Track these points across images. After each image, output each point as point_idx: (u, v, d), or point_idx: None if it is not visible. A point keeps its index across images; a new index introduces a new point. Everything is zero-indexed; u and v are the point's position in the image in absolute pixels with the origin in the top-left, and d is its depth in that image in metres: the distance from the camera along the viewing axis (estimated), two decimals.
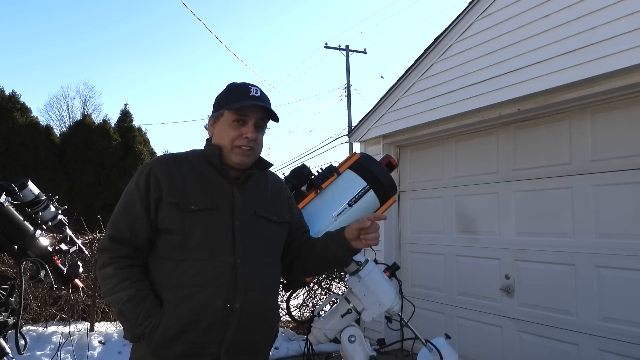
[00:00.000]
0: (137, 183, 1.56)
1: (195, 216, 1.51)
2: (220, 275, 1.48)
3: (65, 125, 20.62)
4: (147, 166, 1.59)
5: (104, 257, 1.53)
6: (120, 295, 1.47)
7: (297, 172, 1.95)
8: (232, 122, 1.57)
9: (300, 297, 6.08)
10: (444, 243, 4.66)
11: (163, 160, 1.62)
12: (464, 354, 4.12)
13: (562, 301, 3.58)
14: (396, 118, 4.87)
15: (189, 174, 1.58)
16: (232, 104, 1.57)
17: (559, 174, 3.67)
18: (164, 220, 1.51)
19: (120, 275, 1.49)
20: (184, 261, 1.49)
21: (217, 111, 1.62)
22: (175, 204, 1.51)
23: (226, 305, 1.47)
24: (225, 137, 1.58)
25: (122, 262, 1.51)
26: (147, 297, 1.47)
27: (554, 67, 3.34)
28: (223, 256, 1.50)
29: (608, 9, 3.04)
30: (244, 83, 1.64)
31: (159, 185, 1.53)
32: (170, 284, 1.48)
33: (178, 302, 1.46)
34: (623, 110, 3.33)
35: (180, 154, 1.67)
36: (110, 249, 1.53)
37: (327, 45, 19.13)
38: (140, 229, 1.52)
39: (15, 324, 2.07)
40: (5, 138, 10.87)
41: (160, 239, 1.53)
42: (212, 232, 1.52)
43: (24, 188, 2.09)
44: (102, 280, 1.54)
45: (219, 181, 1.59)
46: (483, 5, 3.93)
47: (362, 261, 1.89)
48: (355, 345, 1.83)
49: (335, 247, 1.64)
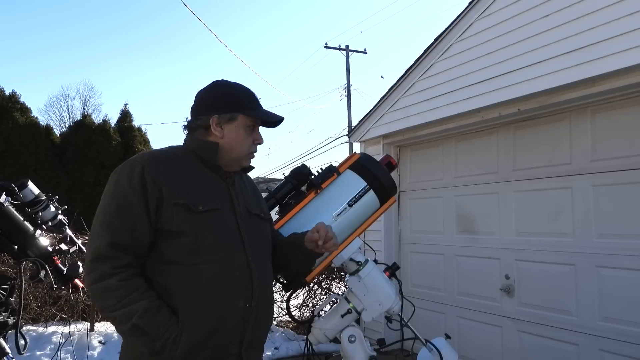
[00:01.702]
0: (130, 182, 1.43)
1: (205, 217, 1.46)
2: (238, 276, 1.48)
3: (65, 125, 20.61)
4: (137, 164, 1.47)
5: (102, 267, 1.38)
6: (132, 309, 1.35)
7: (297, 172, 1.95)
8: (247, 127, 1.57)
9: (300, 297, 6.08)
10: (444, 243, 4.66)
11: (153, 157, 1.52)
12: (464, 354, 4.11)
13: (562, 301, 3.58)
14: (396, 118, 4.87)
15: (187, 173, 1.52)
16: (252, 110, 1.58)
17: (559, 174, 3.67)
18: (169, 222, 1.42)
19: (128, 286, 1.38)
20: (196, 265, 1.43)
21: (228, 112, 1.56)
22: (184, 205, 1.44)
23: (246, 304, 1.47)
24: (244, 142, 1.58)
25: (126, 271, 1.40)
26: (162, 308, 1.39)
27: (554, 67, 3.34)
28: (237, 256, 1.49)
29: (608, 9, 3.03)
30: (247, 88, 1.64)
31: (158, 184, 1.43)
32: (185, 290, 1.41)
33: (199, 308, 1.41)
34: (623, 110, 3.33)
35: (164, 151, 1.59)
36: (111, 257, 1.39)
37: (327, 45, 19.14)
38: (141, 233, 1.42)
39: (15, 324, 2.07)
40: (5, 138, 10.88)
41: (165, 243, 1.44)
42: (224, 233, 1.50)
43: (24, 188, 2.09)
44: (102, 294, 1.39)
45: (215, 180, 1.57)
46: (483, 5, 3.93)
47: (362, 261, 1.89)
48: (355, 345, 1.84)
49: (301, 255, 1.67)
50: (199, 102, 1.60)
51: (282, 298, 6.01)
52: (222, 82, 1.64)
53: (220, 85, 1.63)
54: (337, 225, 1.86)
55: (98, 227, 1.43)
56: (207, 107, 1.58)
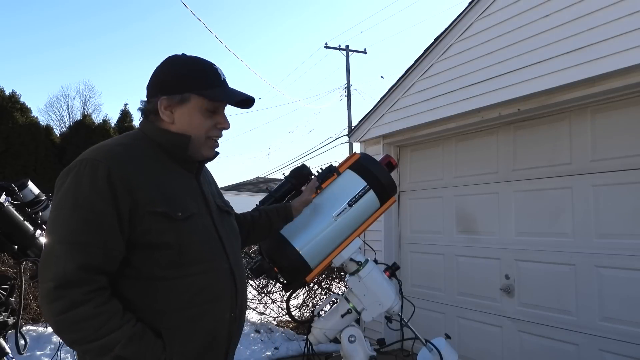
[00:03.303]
0: (94, 188, 1.18)
1: (187, 224, 1.28)
2: (224, 286, 1.34)
3: (65, 125, 20.66)
4: (99, 164, 1.20)
5: (73, 294, 1.14)
6: (114, 338, 1.16)
7: (297, 172, 1.95)
8: (205, 110, 1.34)
9: (300, 297, 6.08)
10: (444, 243, 4.66)
11: (118, 154, 1.26)
12: (464, 354, 4.11)
13: (562, 301, 3.58)
14: (396, 118, 4.87)
15: (158, 172, 1.30)
16: (207, 90, 1.33)
17: (559, 174, 3.67)
18: (147, 233, 1.22)
19: (105, 313, 1.16)
20: (181, 278, 1.26)
21: (179, 93, 1.32)
22: (163, 213, 1.24)
23: (231, 315, 1.36)
24: (199, 127, 1.34)
25: (101, 295, 1.18)
26: (145, 332, 1.21)
27: (554, 67, 3.34)
28: (221, 264, 1.35)
29: (608, 9, 3.03)
30: (206, 61, 1.38)
31: (130, 189, 1.21)
32: (172, 308, 1.25)
33: (189, 326, 1.26)
34: (623, 110, 3.33)
35: (124, 144, 1.32)
36: (82, 282, 1.15)
37: (327, 45, 19.13)
38: (114, 249, 1.20)
39: (15, 324, 2.08)
40: (5, 138, 10.89)
41: (141, 256, 1.23)
42: (206, 239, 1.33)
43: (24, 188, 2.10)
44: (72, 326, 1.15)
45: (184, 176, 1.37)
46: (483, 5, 3.93)
47: (362, 261, 1.89)
48: (355, 345, 1.83)
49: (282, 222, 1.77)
50: (149, 82, 1.37)
51: (282, 298, 6.01)
52: (175, 57, 1.38)
53: (171, 61, 1.37)
54: (337, 225, 1.86)
55: (60, 247, 1.16)
56: (154, 88, 1.35)
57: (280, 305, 5.76)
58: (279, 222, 1.77)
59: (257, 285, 6.09)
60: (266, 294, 6.09)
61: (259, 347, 5.17)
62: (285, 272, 1.87)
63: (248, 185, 26.39)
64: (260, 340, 5.31)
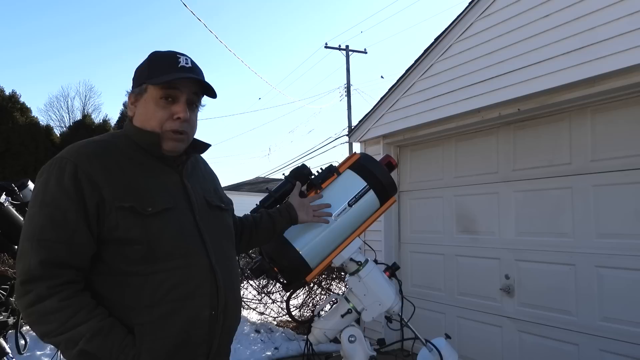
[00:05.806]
0: (60, 185, 1.20)
1: (157, 220, 1.26)
2: (201, 283, 1.30)
3: (65, 125, 20.67)
4: (67, 161, 1.23)
5: (37, 288, 1.17)
6: (78, 332, 1.16)
7: (297, 172, 1.95)
8: (159, 99, 1.31)
9: (300, 297, 6.08)
10: (444, 243, 4.66)
11: (87, 152, 1.27)
12: (464, 354, 4.12)
13: (562, 301, 3.58)
14: (396, 118, 4.87)
15: (129, 168, 1.30)
16: (158, 77, 1.30)
17: (559, 174, 3.67)
18: (114, 229, 1.22)
19: (71, 307, 1.17)
20: (153, 274, 1.25)
21: (138, 86, 1.33)
22: (130, 208, 1.23)
23: (212, 313, 1.32)
24: (152, 118, 1.31)
25: (67, 289, 1.19)
26: (114, 326, 1.20)
27: (554, 67, 3.34)
28: (198, 260, 1.32)
29: (608, 9, 3.04)
30: (171, 51, 1.37)
31: (96, 185, 1.22)
32: (140, 304, 1.23)
33: (160, 323, 1.24)
34: (623, 110, 3.33)
35: (101, 141, 1.33)
36: (45, 277, 1.17)
37: (327, 45, 19.13)
38: (81, 245, 1.21)
39: (15, 324, 2.08)
40: (5, 138, 10.90)
41: (112, 252, 1.24)
42: (181, 235, 1.30)
43: (24, 188, 2.10)
44: (40, 319, 1.17)
45: (164, 171, 1.36)
46: (483, 5, 3.93)
47: (362, 261, 1.89)
48: (355, 345, 1.84)
49: (285, 223, 1.74)
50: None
51: (282, 298, 6.01)
52: (153, 52, 1.40)
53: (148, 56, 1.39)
54: (337, 225, 1.86)
55: (26, 244, 1.20)
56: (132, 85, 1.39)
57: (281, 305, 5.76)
58: (282, 222, 1.76)
59: (257, 285, 6.09)
60: (266, 294, 6.09)
61: (259, 347, 5.17)
62: (285, 272, 1.87)
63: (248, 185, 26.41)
64: (260, 340, 5.31)
